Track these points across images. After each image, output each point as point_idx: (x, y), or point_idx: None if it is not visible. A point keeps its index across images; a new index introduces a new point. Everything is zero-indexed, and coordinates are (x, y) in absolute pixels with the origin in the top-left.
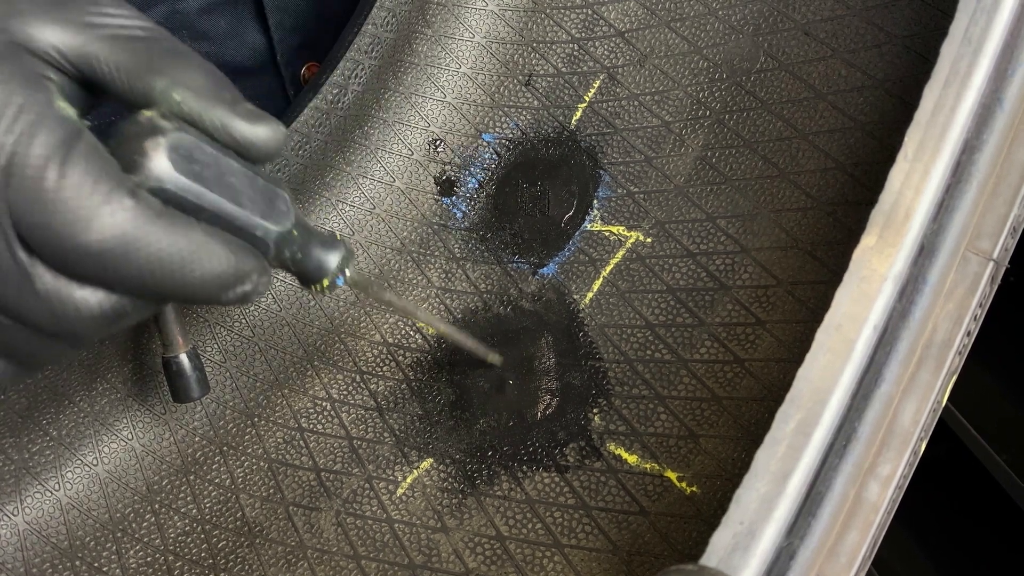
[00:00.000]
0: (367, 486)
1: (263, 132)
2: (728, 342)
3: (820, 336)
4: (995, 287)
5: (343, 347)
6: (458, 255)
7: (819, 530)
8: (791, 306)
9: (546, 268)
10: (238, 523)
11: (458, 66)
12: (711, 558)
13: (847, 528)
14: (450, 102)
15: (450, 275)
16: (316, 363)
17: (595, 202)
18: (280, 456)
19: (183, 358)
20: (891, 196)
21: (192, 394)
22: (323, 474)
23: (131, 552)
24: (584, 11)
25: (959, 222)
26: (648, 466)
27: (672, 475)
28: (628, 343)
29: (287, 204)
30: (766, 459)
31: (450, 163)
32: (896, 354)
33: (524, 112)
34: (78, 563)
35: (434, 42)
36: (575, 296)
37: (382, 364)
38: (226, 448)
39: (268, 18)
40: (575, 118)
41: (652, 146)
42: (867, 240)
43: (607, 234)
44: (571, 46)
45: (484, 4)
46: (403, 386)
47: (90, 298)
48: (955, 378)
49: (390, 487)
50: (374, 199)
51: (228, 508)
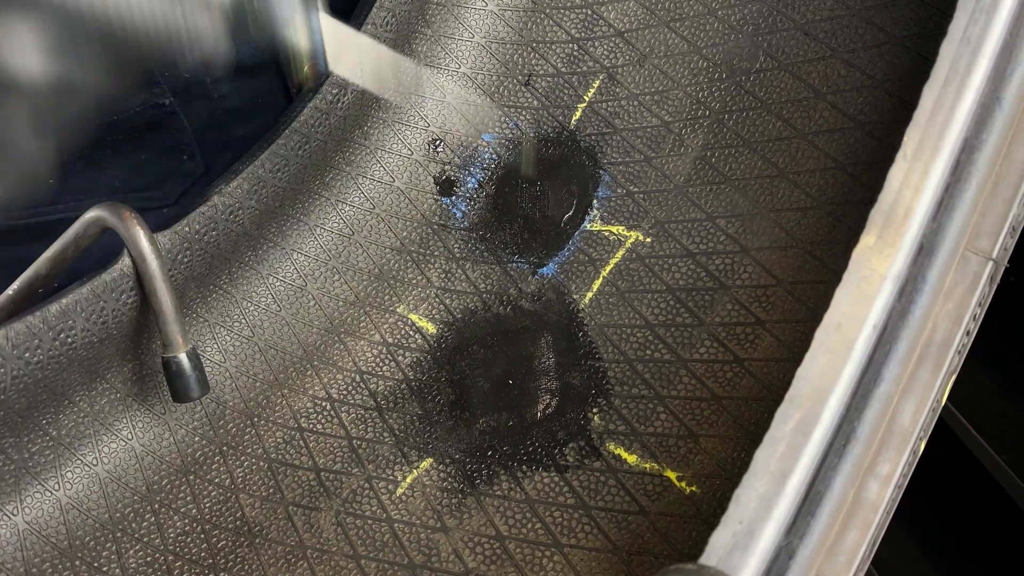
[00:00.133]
0: (367, 486)
1: None
2: (728, 342)
3: (819, 335)
4: (994, 286)
5: (343, 347)
6: (458, 255)
7: (818, 529)
8: (791, 305)
9: (546, 268)
10: (238, 523)
11: (458, 66)
12: (711, 557)
13: (846, 527)
14: (450, 102)
15: (450, 275)
16: (316, 363)
17: (595, 202)
18: (280, 456)
19: (183, 358)
20: (890, 195)
21: (192, 394)
22: (323, 474)
23: (131, 552)
24: (584, 11)
25: (958, 221)
26: (648, 466)
27: (672, 475)
28: (628, 343)
29: None
30: (765, 458)
31: (450, 163)
32: (895, 353)
33: (524, 112)
34: (78, 563)
35: (434, 42)
36: (575, 296)
37: (382, 364)
38: (226, 448)
39: None
40: (575, 118)
41: (652, 146)
42: (866, 239)
43: (607, 234)
44: (571, 46)
45: (484, 4)
46: (403, 386)
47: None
48: (954, 377)
49: (390, 487)
50: (374, 199)
51: (228, 508)
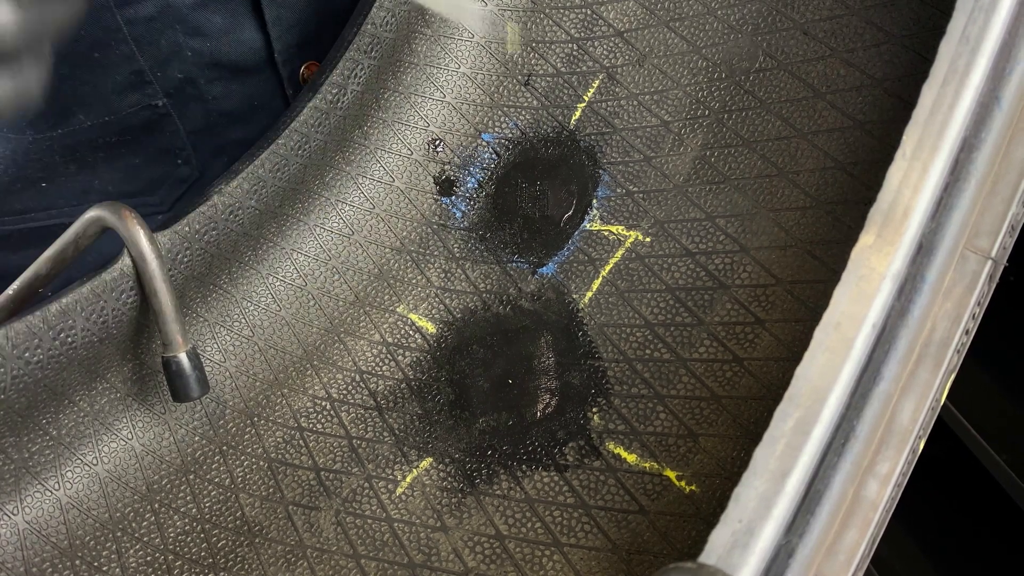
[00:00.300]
0: (366, 485)
1: None
2: (727, 341)
3: (819, 335)
4: (993, 286)
5: (343, 347)
6: (457, 255)
7: (818, 528)
8: (790, 305)
9: (545, 268)
10: (238, 522)
11: (457, 66)
12: (710, 556)
13: (846, 526)
14: (449, 102)
15: (449, 275)
16: (316, 363)
17: (594, 201)
18: (280, 455)
19: (183, 357)
20: (890, 195)
21: (192, 393)
22: (323, 473)
23: (131, 551)
24: (583, 11)
25: (957, 220)
26: (647, 465)
27: (671, 474)
28: (627, 342)
29: None
30: (765, 457)
31: (449, 163)
32: (895, 352)
33: (523, 112)
34: (78, 563)
35: (433, 42)
36: (574, 295)
37: (382, 364)
38: (226, 448)
39: (265, 14)
40: (574, 118)
41: (651, 145)
42: (866, 239)
43: (606, 233)
44: (570, 46)
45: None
46: (402, 386)
47: None
48: (954, 377)
49: (389, 486)
50: (374, 199)
51: (228, 507)
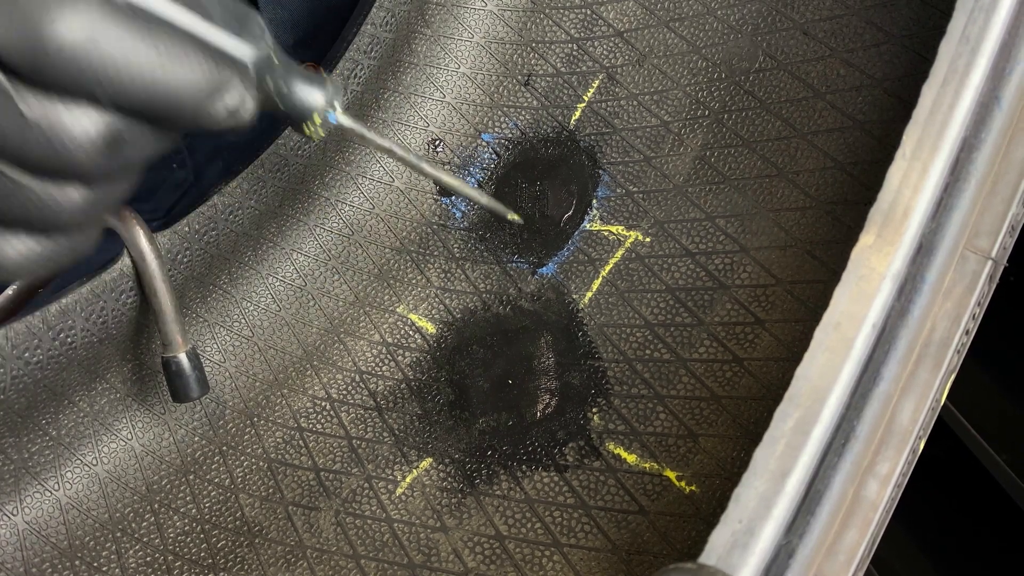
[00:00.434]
0: (366, 486)
1: None
2: (727, 341)
3: (819, 335)
4: (993, 286)
5: (342, 347)
6: (457, 255)
7: (818, 528)
8: (790, 305)
9: (545, 268)
10: (237, 523)
11: (457, 66)
12: (710, 556)
13: (846, 526)
14: (449, 102)
15: (449, 275)
16: (315, 363)
17: (594, 202)
18: (279, 456)
19: (182, 358)
20: (889, 195)
21: (191, 394)
22: (322, 474)
23: (130, 552)
24: (583, 11)
25: (957, 220)
26: (647, 465)
27: (671, 474)
28: (627, 342)
29: (261, 27)
30: (765, 458)
31: (449, 163)
32: (895, 352)
33: (523, 112)
34: (78, 563)
35: (433, 42)
36: (574, 295)
37: (381, 364)
38: (225, 448)
39: (260, 12)
40: (574, 118)
41: (651, 146)
42: (866, 239)
43: (606, 233)
44: (570, 46)
45: (483, 4)
46: (402, 386)
47: (82, 117)
48: (954, 377)
49: (389, 487)
50: (374, 199)
51: (227, 508)
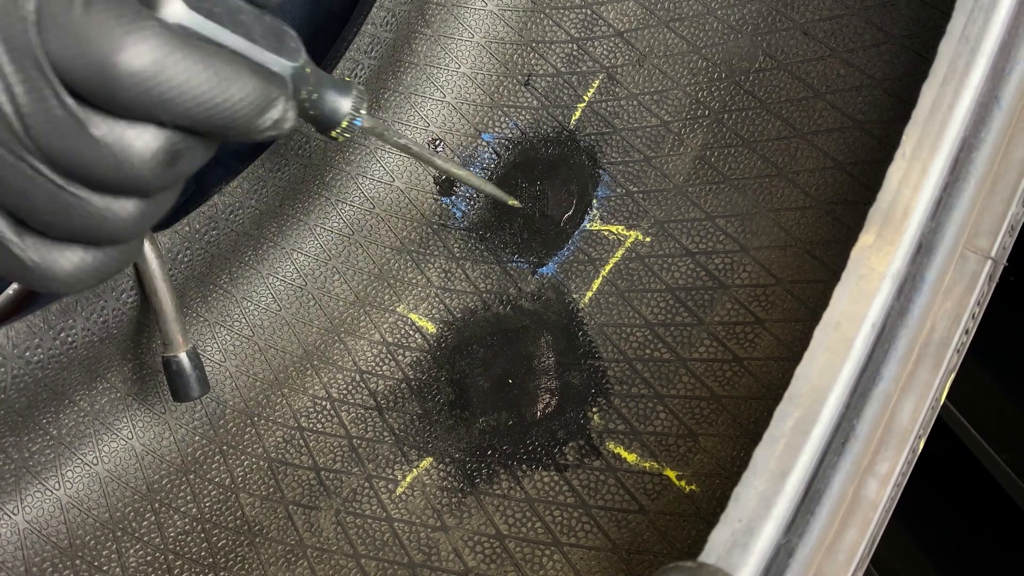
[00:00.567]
0: (367, 485)
1: None
2: (727, 341)
3: (819, 334)
4: (993, 285)
5: (343, 347)
6: (457, 254)
7: (818, 528)
8: (790, 305)
9: (545, 267)
10: (238, 522)
11: (457, 66)
12: (710, 556)
13: (846, 526)
14: (449, 102)
15: (450, 274)
16: (316, 363)
17: (594, 201)
18: (280, 455)
19: (183, 357)
20: (889, 194)
21: (192, 393)
22: (323, 473)
23: (131, 551)
24: (583, 11)
25: (957, 220)
26: (647, 465)
27: (671, 473)
28: (627, 342)
29: (296, 41)
30: (765, 457)
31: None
32: (895, 352)
33: (523, 112)
34: (78, 562)
35: (433, 42)
36: (574, 295)
37: (382, 363)
38: (226, 447)
39: None
40: (574, 118)
41: (651, 146)
42: (865, 238)
43: (606, 233)
44: (570, 46)
45: (483, 4)
46: (402, 385)
47: (144, 135)
48: (953, 376)
49: (390, 486)
50: (374, 199)
51: (228, 507)
